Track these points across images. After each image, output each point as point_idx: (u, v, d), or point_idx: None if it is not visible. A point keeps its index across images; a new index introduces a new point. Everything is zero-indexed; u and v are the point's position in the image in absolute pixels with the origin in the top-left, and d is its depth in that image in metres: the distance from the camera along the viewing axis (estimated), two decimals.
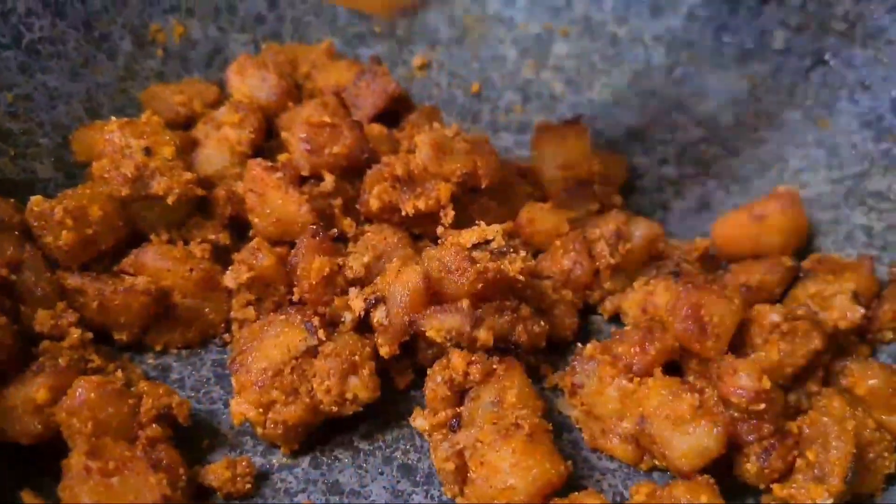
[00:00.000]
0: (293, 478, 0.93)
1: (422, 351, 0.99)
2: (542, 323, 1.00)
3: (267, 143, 1.15)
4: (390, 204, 1.03)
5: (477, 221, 1.00)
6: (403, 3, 1.19)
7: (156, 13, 1.26)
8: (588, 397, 0.97)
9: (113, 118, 1.05)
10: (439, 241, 1.01)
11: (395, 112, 1.21)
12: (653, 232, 1.10)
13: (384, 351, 0.95)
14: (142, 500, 0.82)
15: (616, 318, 1.12)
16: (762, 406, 0.88)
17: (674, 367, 0.99)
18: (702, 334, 0.94)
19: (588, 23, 1.40)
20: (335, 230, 1.04)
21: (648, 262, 1.12)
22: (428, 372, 0.96)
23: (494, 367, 0.94)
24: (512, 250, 0.97)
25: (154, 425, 0.88)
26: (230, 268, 1.03)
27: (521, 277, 0.95)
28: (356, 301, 0.95)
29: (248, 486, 0.91)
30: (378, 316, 0.94)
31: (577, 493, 0.89)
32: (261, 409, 0.91)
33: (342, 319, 0.97)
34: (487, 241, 0.97)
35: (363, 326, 0.97)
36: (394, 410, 1.00)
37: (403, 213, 1.03)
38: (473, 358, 0.93)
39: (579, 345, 1.01)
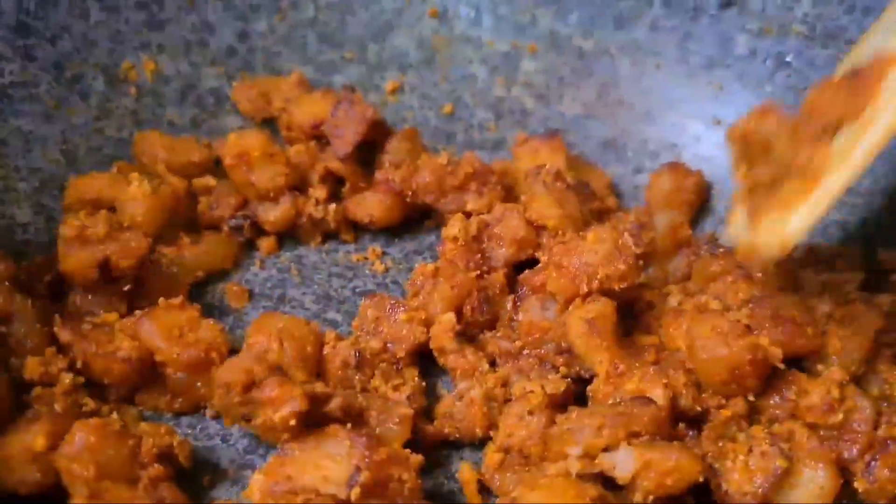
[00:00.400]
0: None
1: None
2: None
3: None
4: None
5: None
6: None
7: (127, 51, 1.26)
8: None
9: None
10: None
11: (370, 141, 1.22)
12: (674, 220, 1.14)
13: None
14: None
15: None
16: (840, 416, 0.87)
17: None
18: (800, 330, 0.92)
19: (554, 38, 1.42)
20: None
21: (676, 250, 1.14)
22: None
23: None
24: None
25: (156, 465, 0.87)
26: None
27: None
28: None
29: None
30: None
31: None
32: None
33: None
34: None
35: None
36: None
37: None
38: None
39: None
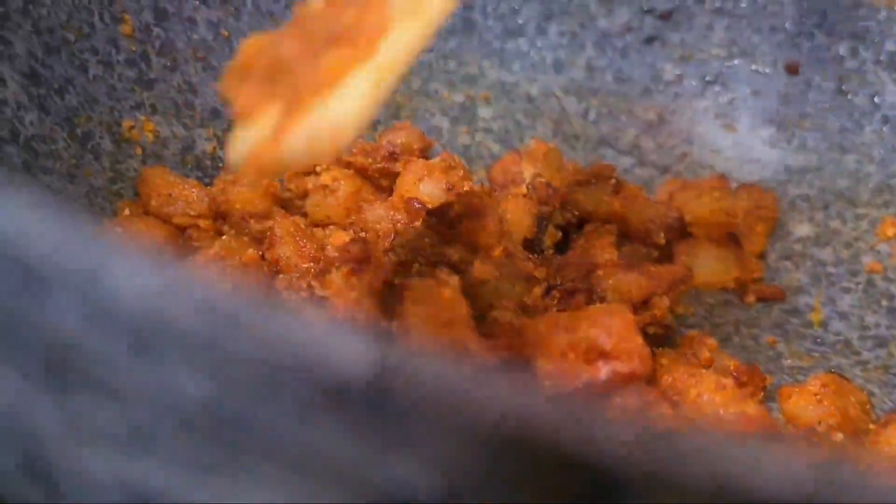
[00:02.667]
0: None
1: None
2: None
3: None
4: None
5: None
6: None
7: (125, 110, 1.13)
8: None
9: None
10: None
11: None
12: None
13: None
14: None
15: None
16: None
17: None
18: None
19: (503, 86, 1.51)
20: None
21: None
22: None
23: None
24: None
25: None
26: None
27: None
28: None
29: None
30: None
31: None
32: None
33: None
34: None
35: None
36: None
37: None
38: None
39: None
